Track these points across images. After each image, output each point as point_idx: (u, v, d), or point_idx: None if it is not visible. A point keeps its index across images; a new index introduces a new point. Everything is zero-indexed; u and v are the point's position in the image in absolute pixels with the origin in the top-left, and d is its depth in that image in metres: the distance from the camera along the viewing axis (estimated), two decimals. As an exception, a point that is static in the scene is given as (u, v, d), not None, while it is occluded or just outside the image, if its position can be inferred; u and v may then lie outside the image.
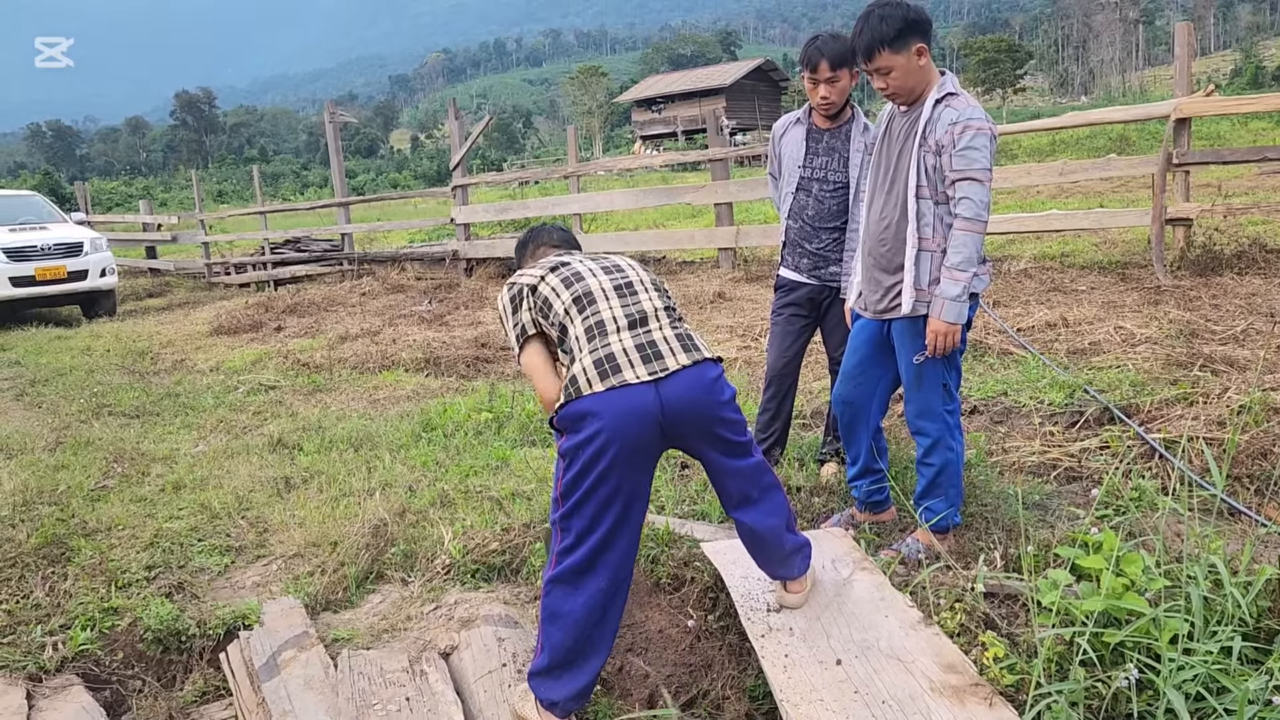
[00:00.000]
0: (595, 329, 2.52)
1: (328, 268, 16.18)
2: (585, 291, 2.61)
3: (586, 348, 2.49)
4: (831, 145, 4.02)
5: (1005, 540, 3.33)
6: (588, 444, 2.39)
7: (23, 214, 14.46)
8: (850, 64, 3.82)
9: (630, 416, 2.38)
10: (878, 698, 2.37)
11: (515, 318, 2.71)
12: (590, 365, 2.45)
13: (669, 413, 2.42)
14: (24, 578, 3.80)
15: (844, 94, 3.90)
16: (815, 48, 3.83)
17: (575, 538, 2.46)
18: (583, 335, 2.52)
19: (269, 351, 9.08)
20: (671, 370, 2.44)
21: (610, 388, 2.40)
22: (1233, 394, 4.44)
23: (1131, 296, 7.24)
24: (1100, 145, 27.30)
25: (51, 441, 5.94)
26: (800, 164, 4.09)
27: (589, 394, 2.40)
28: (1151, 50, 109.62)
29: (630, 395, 2.40)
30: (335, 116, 16.91)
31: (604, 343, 2.48)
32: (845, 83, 3.87)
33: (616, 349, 2.46)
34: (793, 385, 4.33)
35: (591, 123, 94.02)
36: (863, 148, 3.95)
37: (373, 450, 5.23)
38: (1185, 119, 8.16)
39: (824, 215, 4.06)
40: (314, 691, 2.82)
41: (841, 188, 4.02)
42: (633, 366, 2.43)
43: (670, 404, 2.42)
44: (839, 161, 4.00)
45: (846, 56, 3.79)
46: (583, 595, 2.47)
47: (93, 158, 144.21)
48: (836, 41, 3.82)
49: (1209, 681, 2.17)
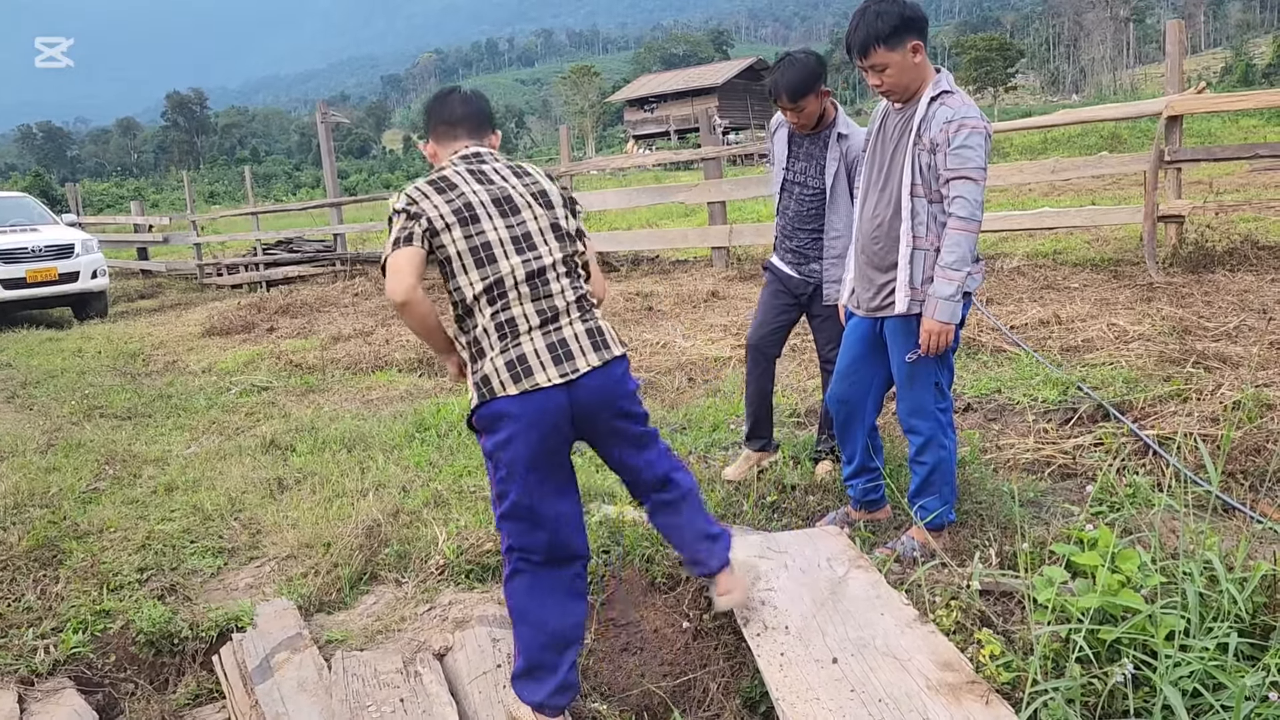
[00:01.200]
0: (506, 326, 2.52)
1: (320, 268, 16.14)
2: (484, 244, 2.56)
3: (498, 346, 2.51)
4: (810, 152, 4.07)
5: (1000, 538, 3.33)
6: (507, 446, 2.49)
7: (13, 216, 14.40)
8: (812, 89, 3.83)
9: (545, 417, 2.47)
10: (874, 696, 2.36)
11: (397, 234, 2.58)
12: (503, 366, 2.49)
13: (579, 411, 2.52)
14: (15, 580, 3.78)
15: (811, 116, 3.94)
16: (773, 81, 3.89)
17: (518, 536, 2.56)
18: (493, 331, 2.53)
19: (261, 352, 9.05)
20: (583, 371, 2.51)
21: (524, 391, 2.46)
22: (1226, 390, 4.45)
23: (1124, 294, 7.25)
24: (1092, 143, 27.38)
25: (43, 443, 5.92)
26: (784, 166, 4.16)
27: (503, 396, 2.47)
28: (1142, 48, 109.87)
29: (543, 398, 2.47)
30: (327, 117, 16.87)
31: (515, 343, 2.51)
32: (811, 108, 3.90)
33: (528, 349, 2.50)
34: (770, 362, 4.37)
35: (584, 122, 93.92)
36: (839, 156, 3.98)
37: (366, 451, 5.21)
38: (1177, 116, 8.17)
39: (803, 216, 4.13)
40: (308, 694, 2.80)
41: (819, 193, 4.06)
42: (544, 369, 2.48)
43: (580, 403, 2.51)
44: (816, 168, 4.05)
45: (803, 87, 3.82)
46: (540, 590, 2.57)
47: (84, 159, 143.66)
48: (793, 69, 3.83)
49: (1205, 678, 2.17)
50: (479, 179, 2.63)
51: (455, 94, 2.87)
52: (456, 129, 2.80)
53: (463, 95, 2.87)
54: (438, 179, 2.63)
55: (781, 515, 3.85)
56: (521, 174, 2.71)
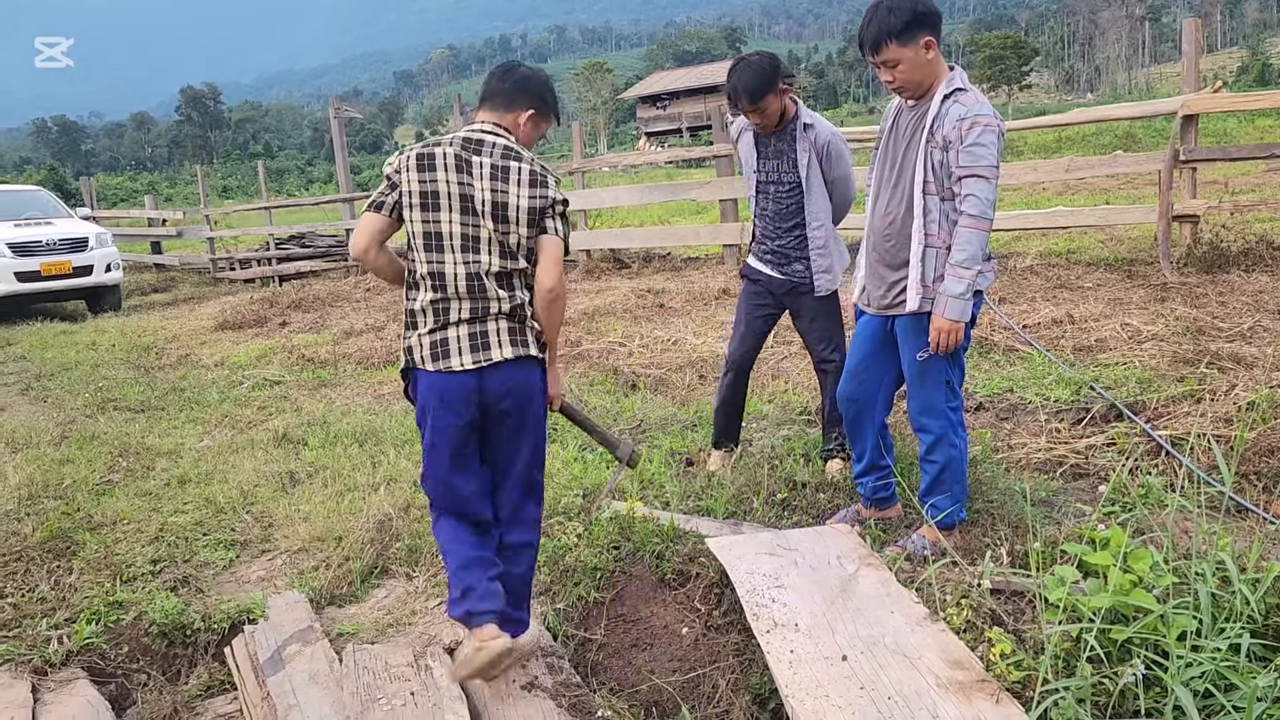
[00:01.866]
0: (442, 313, 2.73)
1: (332, 263, 16.18)
2: (438, 233, 2.72)
3: (428, 325, 2.74)
4: (779, 149, 4.11)
5: (1011, 537, 3.32)
6: (424, 414, 2.77)
7: (28, 209, 14.46)
8: (770, 89, 3.87)
9: (454, 395, 2.71)
10: (884, 694, 2.36)
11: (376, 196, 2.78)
12: (427, 344, 2.73)
13: (486, 397, 2.73)
14: (29, 571, 3.81)
15: (773, 116, 3.98)
16: (732, 86, 3.93)
17: (435, 495, 2.84)
18: (429, 311, 2.74)
19: (274, 347, 9.09)
20: (495, 361, 2.72)
21: (438, 370, 2.72)
22: (1240, 391, 4.43)
23: (1138, 293, 7.22)
24: (1107, 142, 27.23)
25: (57, 436, 5.95)
26: (755, 168, 4.19)
27: (421, 369, 2.75)
28: (1158, 47, 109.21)
29: (456, 382, 2.71)
30: (340, 112, 16.91)
31: (443, 328, 2.73)
32: (772, 107, 3.94)
33: (451, 336, 2.73)
34: (748, 376, 4.47)
35: (596, 119, 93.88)
36: (808, 147, 4.03)
37: (377, 445, 5.23)
38: (1192, 116, 8.12)
39: (783, 214, 4.15)
40: (319, 686, 2.82)
41: (795, 187, 4.09)
42: (460, 355, 2.71)
43: (488, 390, 2.73)
44: (788, 163, 4.09)
45: (761, 88, 3.86)
46: (459, 530, 2.81)
47: (98, 153, 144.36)
48: (750, 72, 3.87)
49: (1217, 678, 2.17)
50: (460, 167, 2.72)
51: (501, 69, 2.96)
52: (485, 102, 2.89)
53: (503, 70, 2.94)
54: (425, 153, 2.74)
55: (792, 513, 3.85)
56: (501, 177, 2.73)
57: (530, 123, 2.89)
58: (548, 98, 2.93)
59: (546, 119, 2.93)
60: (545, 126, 2.95)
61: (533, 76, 2.93)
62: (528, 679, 2.79)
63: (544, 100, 2.91)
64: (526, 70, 2.94)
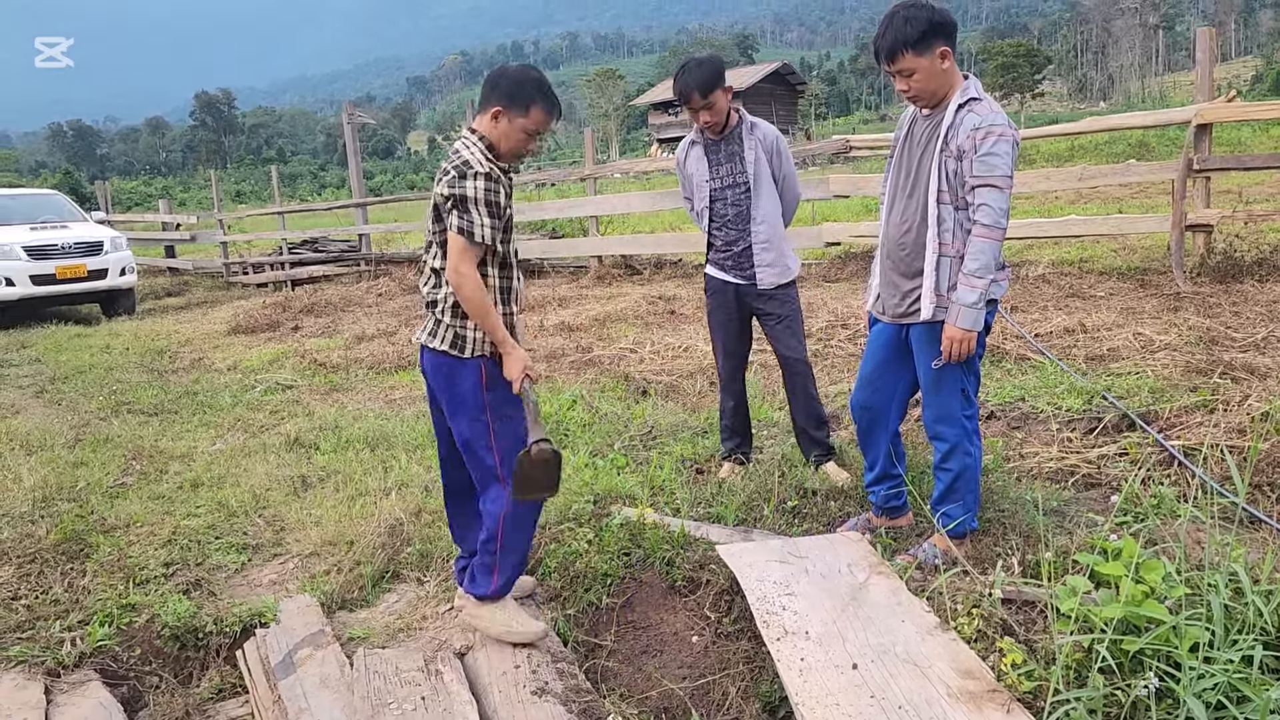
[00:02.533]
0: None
1: (345, 268, 16.25)
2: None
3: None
4: (730, 152, 4.22)
5: (1023, 546, 3.31)
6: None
7: (44, 212, 14.57)
8: (719, 84, 4.02)
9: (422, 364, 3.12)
10: (894, 703, 2.36)
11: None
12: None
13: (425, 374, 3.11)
14: (43, 573, 3.83)
15: (722, 112, 4.11)
16: (683, 82, 4.04)
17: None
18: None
19: (286, 351, 9.12)
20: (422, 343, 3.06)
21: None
22: (1254, 402, 4.40)
23: (1151, 303, 7.19)
24: (1120, 151, 27.12)
25: (71, 438, 5.99)
26: (708, 178, 4.27)
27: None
28: (1171, 56, 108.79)
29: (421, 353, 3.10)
30: (353, 118, 16.99)
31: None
32: (721, 103, 4.07)
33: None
34: (745, 383, 4.59)
35: (608, 125, 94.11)
36: (755, 144, 4.17)
37: (389, 450, 5.24)
38: (1206, 125, 8.10)
39: (743, 216, 4.24)
40: (330, 690, 2.83)
41: (750, 187, 4.21)
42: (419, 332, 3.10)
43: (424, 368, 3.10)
44: (740, 163, 4.21)
45: (712, 82, 4.01)
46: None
47: (113, 157, 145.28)
48: (700, 68, 4.02)
49: (1230, 690, 2.15)
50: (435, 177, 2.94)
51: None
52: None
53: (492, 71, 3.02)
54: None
55: (802, 520, 3.85)
56: (439, 179, 2.88)
57: (498, 119, 2.89)
58: (517, 92, 2.88)
59: (521, 112, 2.88)
60: (524, 121, 2.89)
61: (500, 74, 2.95)
62: (538, 684, 2.79)
63: (510, 95, 2.88)
64: (498, 70, 2.98)
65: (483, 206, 2.81)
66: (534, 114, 2.89)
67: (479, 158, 2.85)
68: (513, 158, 2.96)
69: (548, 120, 2.93)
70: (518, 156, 2.98)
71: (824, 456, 4.34)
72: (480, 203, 2.80)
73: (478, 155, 2.86)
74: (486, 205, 2.81)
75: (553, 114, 2.95)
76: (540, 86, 2.92)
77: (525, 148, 2.96)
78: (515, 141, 2.92)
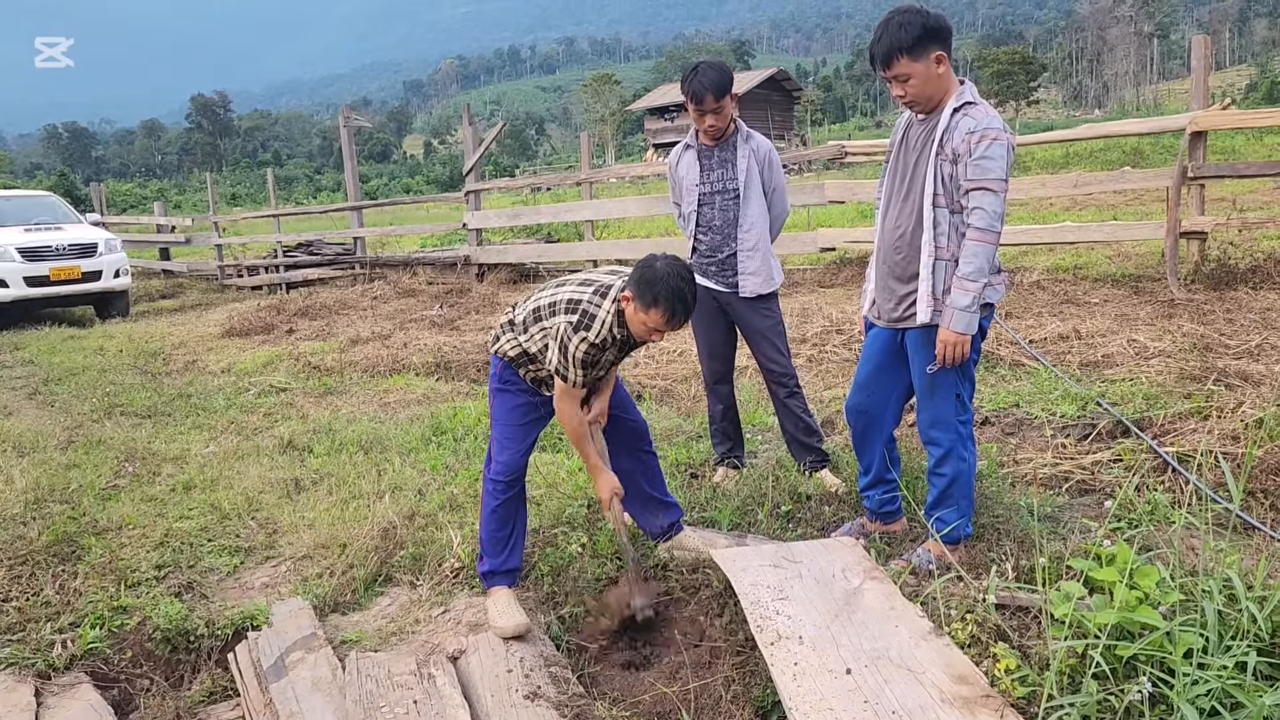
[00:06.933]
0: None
1: (340, 271, 16.21)
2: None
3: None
4: (723, 159, 4.25)
5: (1017, 552, 3.31)
6: None
7: (38, 214, 14.53)
8: (730, 88, 4.08)
9: None
10: (888, 708, 2.35)
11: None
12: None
13: None
14: (34, 575, 3.82)
15: (728, 118, 4.16)
16: (699, 82, 4.04)
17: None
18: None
19: (280, 354, 9.10)
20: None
21: None
22: (1247, 408, 4.41)
23: (1145, 310, 7.21)
24: (1114, 158, 27.20)
25: (63, 440, 5.97)
26: (698, 183, 4.29)
27: None
28: (1166, 64, 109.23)
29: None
30: (350, 121, 16.96)
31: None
32: (729, 108, 4.12)
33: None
34: (733, 391, 4.56)
35: (604, 130, 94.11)
36: (749, 153, 4.20)
37: (383, 453, 5.23)
38: (1201, 132, 8.13)
39: (730, 223, 4.25)
40: (321, 693, 2.81)
41: (739, 194, 4.22)
42: None
43: None
44: (732, 170, 4.23)
45: (726, 84, 4.06)
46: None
47: (108, 160, 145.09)
48: (715, 71, 4.06)
49: (1223, 696, 2.15)
50: None
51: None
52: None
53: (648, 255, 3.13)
54: None
55: (796, 525, 3.84)
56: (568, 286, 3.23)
57: (629, 302, 3.06)
58: (644, 289, 2.98)
59: (643, 307, 3.01)
60: (643, 316, 3.01)
61: (646, 262, 3.04)
62: (531, 688, 2.79)
63: (638, 286, 3.01)
64: (650, 256, 3.06)
65: (578, 364, 3.04)
66: (652, 314, 2.97)
67: (604, 322, 3.01)
68: (637, 338, 3.08)
69: (664, 324, 2.99)
70: (641, 340, 3.09)
71: (818, 463, 4.33)
72: (576, 360, 3.03)
73: (604, 319, 3.01)
74: (581, 365, 3.04)
75: (670, 321, 2.98)
76: (668, 292, 2.94)
77: (645, 338, 3.06)
78: (636, 328, 3.03)
